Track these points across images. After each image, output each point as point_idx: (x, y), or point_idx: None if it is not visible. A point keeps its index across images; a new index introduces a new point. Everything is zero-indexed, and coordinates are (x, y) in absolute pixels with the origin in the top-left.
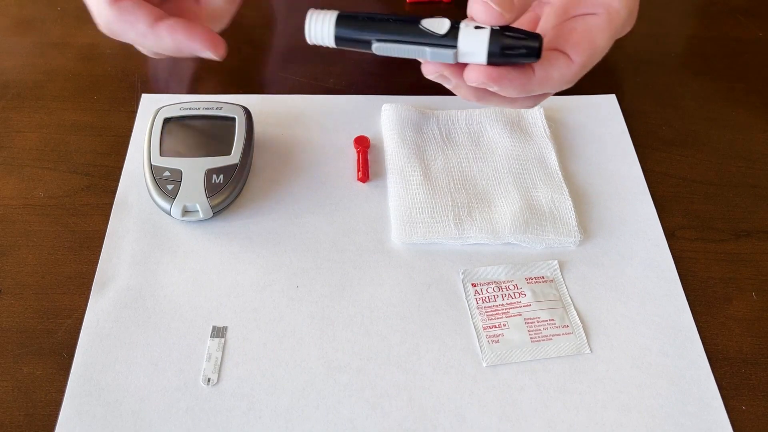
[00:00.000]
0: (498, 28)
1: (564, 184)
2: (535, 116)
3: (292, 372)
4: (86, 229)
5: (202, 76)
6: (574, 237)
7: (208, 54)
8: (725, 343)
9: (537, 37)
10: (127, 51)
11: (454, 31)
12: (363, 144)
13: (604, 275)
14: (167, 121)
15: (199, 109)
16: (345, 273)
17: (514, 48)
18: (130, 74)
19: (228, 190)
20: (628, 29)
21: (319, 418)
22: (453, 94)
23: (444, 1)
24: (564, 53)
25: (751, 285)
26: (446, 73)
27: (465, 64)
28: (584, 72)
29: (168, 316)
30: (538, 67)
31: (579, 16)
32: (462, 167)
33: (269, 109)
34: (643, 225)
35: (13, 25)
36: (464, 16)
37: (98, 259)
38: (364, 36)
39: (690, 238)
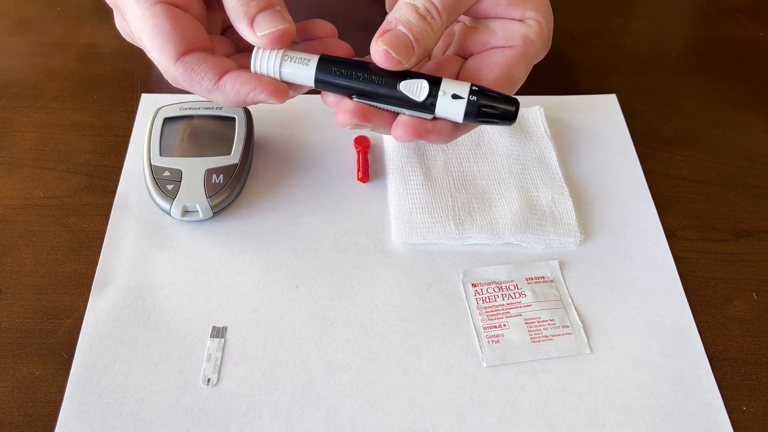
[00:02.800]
0: (475, 92)
1: (564, 184)
2: (536, 116)
3: (292, 372)
4: (86, 229)
5: None
6: (575, 237)
7: (273, 101)
8: (725, 343)
9: (513, 102)
10: (127, 51)
11: (432, 98)
12: (363, 144)
13: (604, 275)
14: (167, 121)
15: (199, 109)
16: (345, 273)
17: (490, 116)
18: (130, 74)
19: (228, 190)
20: (541, 57)
21: (319, 418)
22: None
23: None
24: None
25: (751, 285)
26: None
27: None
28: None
29: (168, 316)
30: None
31: (497, 48)
32: (462, 167)
33: (269, 109)
34: (643, 225)
35: (13, 25)
36: None
37: (98, 259)
38: (343, 89)
39: (690, 238)
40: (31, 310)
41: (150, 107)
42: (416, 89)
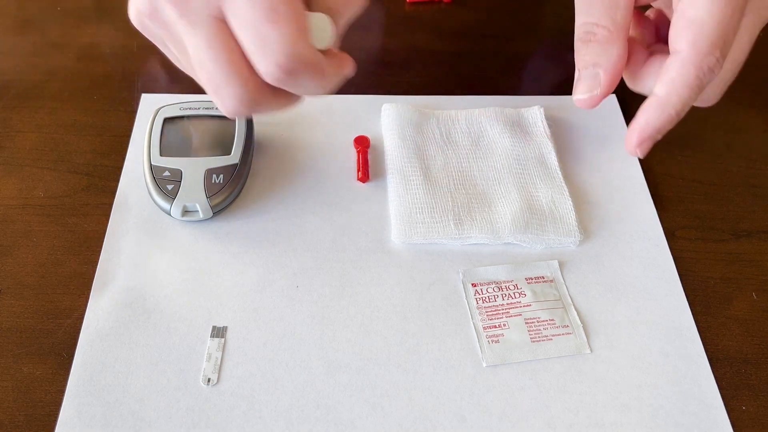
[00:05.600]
0: None
1: (564, 184)
2: (535, 116)
3: (292, 372)
4: (86, 229)
5: None
6: (574, 237)
7: None
8: (725, 343)
9: None
10: (127, 51)
11: None
12: (363, 144)
13: (604, 275)
14: (167, 121)
15: (199, 109)
16: (345, 273)
17: None
18: (130, 74)
19: (228, 190)
20: None
21: (319, 418)
22: (451, 94)
23: (444, 1)
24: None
25: (751, 285)
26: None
27: None
28: (706, 66)
29: (168, 316)
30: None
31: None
32: (462, 167)
33: None
34: (643, 225)
35: (13, 25)
36: (462, 16)
37: (98, 259)
38: None
39: (690, 238)
40: (31, 310)
41: (150, 107)
42: None
